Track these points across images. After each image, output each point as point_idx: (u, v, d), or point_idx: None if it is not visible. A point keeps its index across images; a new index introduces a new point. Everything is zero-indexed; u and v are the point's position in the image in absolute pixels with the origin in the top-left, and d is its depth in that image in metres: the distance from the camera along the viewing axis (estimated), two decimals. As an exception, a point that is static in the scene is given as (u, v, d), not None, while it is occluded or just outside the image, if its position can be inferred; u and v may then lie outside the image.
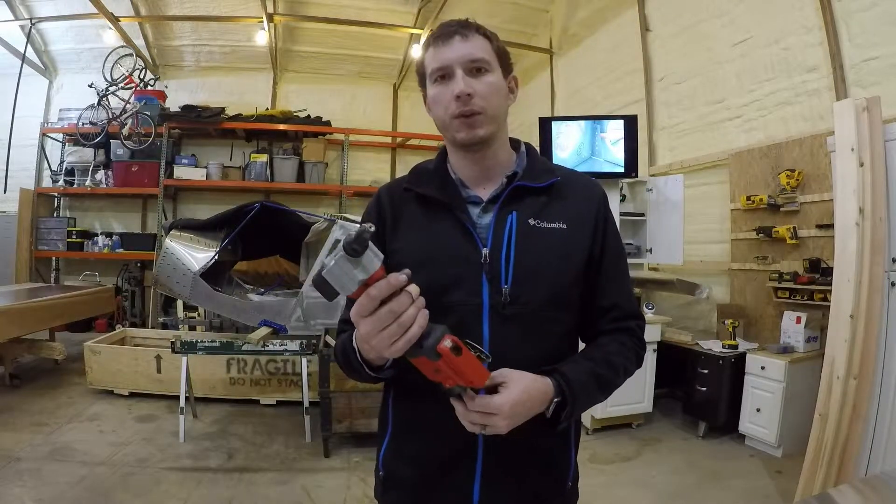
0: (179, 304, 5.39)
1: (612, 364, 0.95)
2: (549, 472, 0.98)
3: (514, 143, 1.04)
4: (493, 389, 0.82)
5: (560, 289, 0.94)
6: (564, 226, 0.95)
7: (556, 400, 0.87)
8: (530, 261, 0.92)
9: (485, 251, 0.92)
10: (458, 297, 0.91)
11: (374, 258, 0.69)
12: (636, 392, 3.68)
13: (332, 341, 3.68)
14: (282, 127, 6.69)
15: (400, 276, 0.72)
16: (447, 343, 0.73)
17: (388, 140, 7.67)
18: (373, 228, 0.67)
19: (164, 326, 5.57)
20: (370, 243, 0.67)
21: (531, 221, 0.94)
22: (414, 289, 0.74)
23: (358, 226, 0.68)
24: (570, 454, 1.01)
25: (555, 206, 0.97)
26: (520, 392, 0.82)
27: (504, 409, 0.80)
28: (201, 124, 6.54)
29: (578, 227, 0.96)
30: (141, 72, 6.19)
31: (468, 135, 0.92)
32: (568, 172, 1.03)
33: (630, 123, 4.13)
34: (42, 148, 6.79)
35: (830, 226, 3.02)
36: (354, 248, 0.66)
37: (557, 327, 0.96)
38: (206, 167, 6.63)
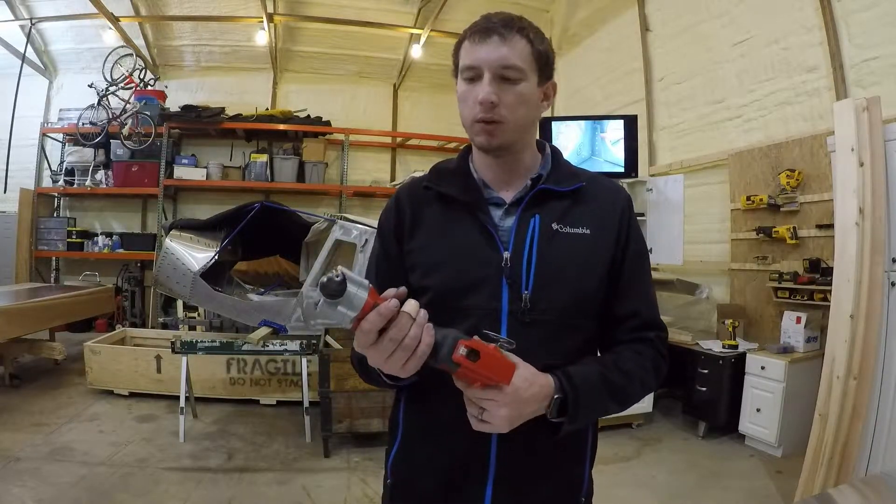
0: (179, 304, 5.39)
1: (625, 371, 0.90)
2: (561, 487, 0.95)
3: (540, 145, 1.00)
4: None
5: (582, 295, 0.91)
6: (588, 231, 0.92)
7: (556, 397, 0.82)
8: (552, 266, 0.89)
9: (506, 254, 0.89)
10: (476, 301, 0.88)
11: (357, 292, 0.67)
12: (636, 392, 3.68)
13: (332, 341, 3.69)
14: (282, 127, 6.68)
15: (390, 305, 0.70)
16: (462, 351, 0.72)
17: (388, 140, 7.66)
18: (339, 277, 0.66)
19: (164, 326, 5.57)
20: (350, 279, 0.67)
21: (554, 226, 0.91)
22: (411, 307, 0.72)
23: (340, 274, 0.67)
24: (583, 469, 0.97)
25: (579, 211, 0.94)
26: (521, 379, 0.78)
27: (504, 396, 0.76)
28: (201, 124, 6.53)
29: (602, 233, 0.93)
30: (141, 72, 6.18)
31: (486, 141, 0.90)
32: (593, 177, 1.00)
33: (630, 123, 4.13)
34: (42, 148, 6.78)
35: (830, 226, 3.02)
36: (331, 294, 0.66)
37: (578, 335, 0.93)
38: (206, 167, 6.62)
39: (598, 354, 0.99)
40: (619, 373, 0.89)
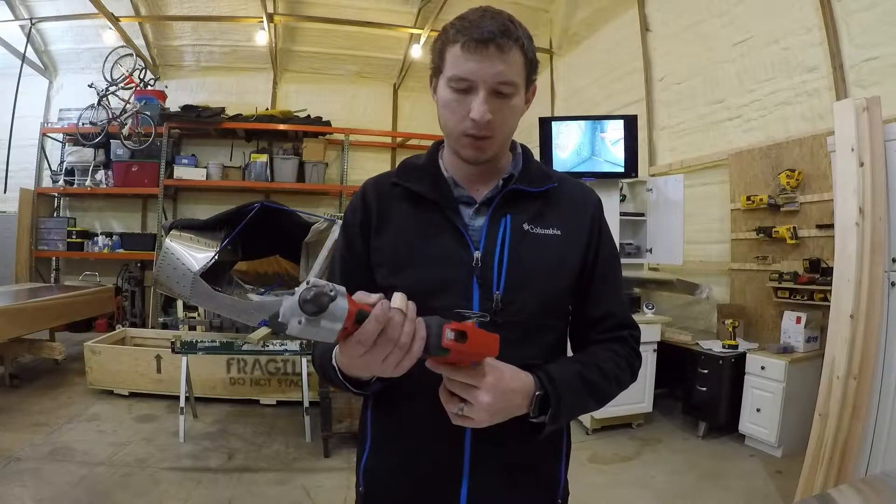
0: (179, 304, 5.39)
1: (603, 370, 0.89)
2: (536, 488, 0.93)
3: (511, 145, 0.98)
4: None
5: (553, 297, 0.91)
6: (559, 232, 0.91)
7: (537, 394, 0.80)
8: (524, 267, 0.88)
9: (476, 254, 0.87)
10: (445, 302, 0.84)
11: (339, 302, 0.61)
12: (636, 392, 3.68)
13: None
14: (282, 127, 6.69)
15: (384, 307, 0.64)
16: (450, 335, 0.68)
17: (388, 140, 7.67)
18: (333, 292, 0.59)
19: (164, 326, 5.58)
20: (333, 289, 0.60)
21: (525, 226, 0.90)
22: (400, 301, 0.67)
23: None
24: (559, 470, 0.96)
25: (550, 212, 0.93)
26: (503, 373, 0.77)
27: (487, 381, 0.74)
28: (201, 124, 6.54)
29: (573, 235, 0.93)
30: (141, 72, 6.19)
31: (474, 155, 0.87)
32: (563, 178, 0.98)
33: (630, 123, 4.13)
34: (42, 148, 6.79)
35: (830, 226, 3.02)
36: (317, 309, 0.59)
37: (550, 336, 0.92)
38: (206, 167, 6.63)
39: (571, 353, 0.98)
40: (597, 371, 0.88)
